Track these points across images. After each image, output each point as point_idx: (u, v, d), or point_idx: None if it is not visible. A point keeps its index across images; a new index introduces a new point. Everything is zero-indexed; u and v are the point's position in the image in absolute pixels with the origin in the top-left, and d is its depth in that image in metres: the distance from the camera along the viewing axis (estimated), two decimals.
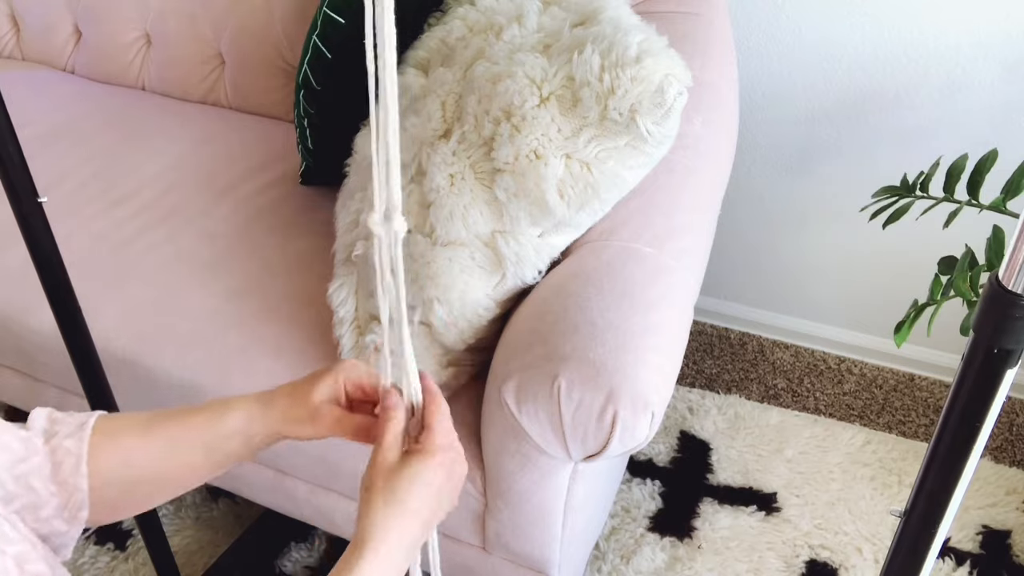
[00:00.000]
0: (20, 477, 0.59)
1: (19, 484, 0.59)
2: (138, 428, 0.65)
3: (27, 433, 0.62)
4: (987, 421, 0.57)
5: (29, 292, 1.18)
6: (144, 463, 0.65)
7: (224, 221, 1.37)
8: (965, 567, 1.38)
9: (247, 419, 0.65)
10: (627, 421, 0.85)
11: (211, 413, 0.66)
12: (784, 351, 1.81)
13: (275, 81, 1.67)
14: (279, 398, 0.66)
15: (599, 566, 1.39)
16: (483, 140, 0.97)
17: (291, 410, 0.65)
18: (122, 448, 0.64)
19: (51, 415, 0.65)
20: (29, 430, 0.62)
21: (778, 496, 1.50)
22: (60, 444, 0.62)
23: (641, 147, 0.93)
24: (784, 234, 1.73)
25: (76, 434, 0.63)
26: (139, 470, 0.64)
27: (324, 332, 1.13)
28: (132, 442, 0.64)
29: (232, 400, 0.66)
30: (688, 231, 1.07)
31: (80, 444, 0.62)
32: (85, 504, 0.62)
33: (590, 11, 1.00)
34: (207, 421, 0.65)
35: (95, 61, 1.86)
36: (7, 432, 0.60)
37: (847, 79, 1.51)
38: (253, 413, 0.65)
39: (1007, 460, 1.56)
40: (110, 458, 0.63)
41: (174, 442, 0.65)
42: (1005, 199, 1.12)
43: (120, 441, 0.64)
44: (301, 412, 0.65)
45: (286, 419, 0.65)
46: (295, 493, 1.20)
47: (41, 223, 0.92)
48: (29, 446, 0.61)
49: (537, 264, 1.01)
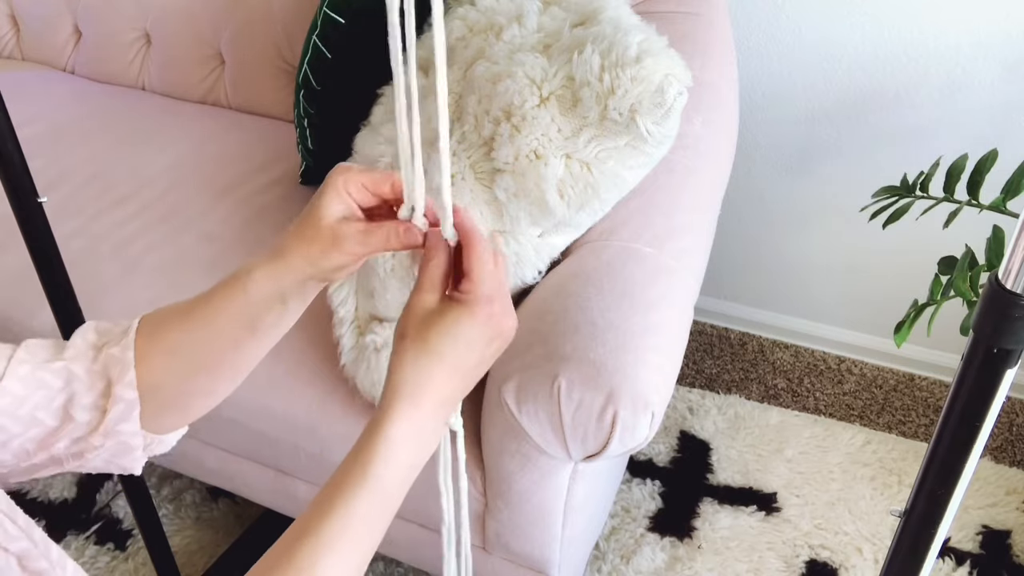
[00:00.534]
0: (59, 409, 0.59)
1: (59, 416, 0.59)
2: (177, 319, 0.61)
3: (63, 363, 0.60)
4: (987, 421, 0.57)
5: (29, 292, 1.18)
6: (192, 352, 0.61)
7: (224, 221, 1.37)
8: (965, 567, 1.38)
9: (269, 278, 0.58)
10: (627, 421, 0.85)
11: (234, 285, 0.60)
12: (784, 351, 1.81)
13: (275, 81, 1.67)
14: (291, 242, 0.58)
15: (599, 566, 1.39)
16: (483, 140, 0.97)
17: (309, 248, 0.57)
18: (166, 342, 0.61)
19: (98, 327, 0.63)
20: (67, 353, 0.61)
21: (778, 496, 1.50)
22: (108, 354, 0.60)
23: (641, 147, 0.93)
24: (784, 234, 1.73)
25: (120, 341, 0.61)
26: (186, 361, 0.61)
27: (324, 332, 1.13)
28: (175, 335, 0.61)
29: (249, 265, 0.60)
30: (688, 231, 1.07)
31: (125, 351, 0.60)
32: (130, 414, 0.60)
33: (590, 11, 1.00)
34: (231, 294, 0.60)
35: (95, 61, 1.86)
36: (43, 368, 0.59)
37: (847, 79, 1.51)
38: (272, 270, 0.58)
39: (1007, 460, 1.56)
40: (156, 356, 0.60)
41: (211, 324, 0.60)
42: (1005, 199, 1.12)
43: (162, 337, 0.61)
44: (320, 244, 0.56)
45: (308, 259, 0.57)
46: (295, 493, 1.20)
47: (41, 223, 0.92)
48: (67, 374, 0.59)
49: (537, 264, 1.01)
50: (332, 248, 0.56)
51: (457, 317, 0.53)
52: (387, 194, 0.57)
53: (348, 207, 0.57)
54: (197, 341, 0.61)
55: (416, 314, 0.53)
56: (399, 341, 0.53)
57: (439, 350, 0.52)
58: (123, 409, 0.60)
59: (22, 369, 0.58)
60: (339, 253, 0.56)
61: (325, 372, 1.11)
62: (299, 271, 0.58)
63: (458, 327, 0.53)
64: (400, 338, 0.53)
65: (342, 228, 0.56)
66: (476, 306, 0.53)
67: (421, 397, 0.52)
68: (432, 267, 0.54)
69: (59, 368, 0.59)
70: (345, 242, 0.56)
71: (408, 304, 0.54)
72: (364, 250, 0.56)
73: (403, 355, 0.53)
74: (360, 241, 0.56)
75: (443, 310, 0.53)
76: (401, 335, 0.53)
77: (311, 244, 0.57)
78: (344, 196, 0.57)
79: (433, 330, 0.52)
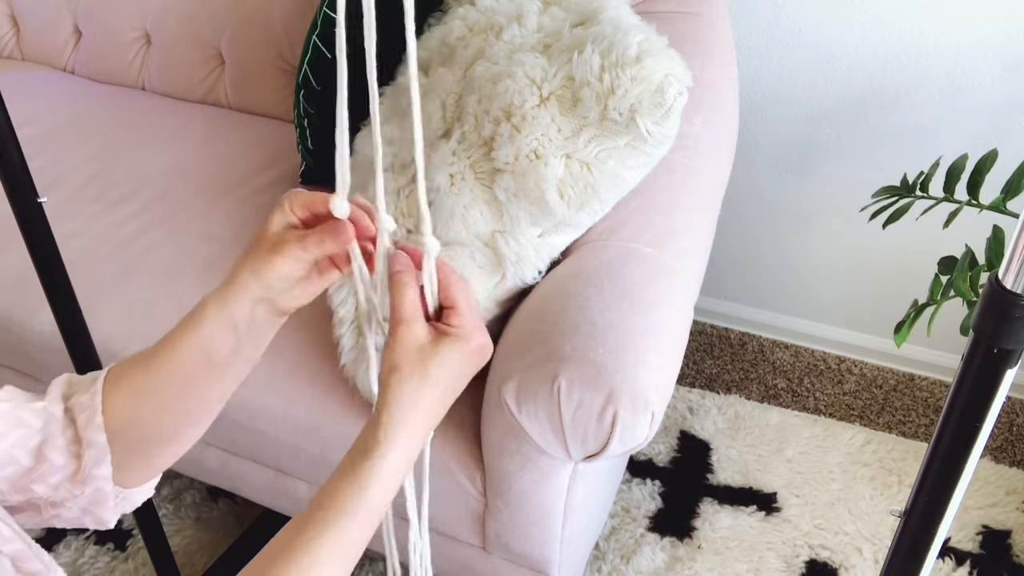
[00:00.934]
0: (35, 449, 0.60)
1: (34, 456, 0.60)
2: (140, 363, 0.63)
3: (43, 403, 0.61)
4: (987, 421, 0.57)
5: (29, 292, 1.18)
6: (154, 392, 0.62)
7: (224, 221, 1.37)
8: (965, 567, 1.38)
9: (219, 305, 0.60)
10: (627, 421, 0.85)
11: (189, 319, 0.61)
12: (784, 351, 1.81)
13: (275, 81, 1.67)
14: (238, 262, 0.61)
15: (599, 566, 1.39)
16: (483, 140, 0.97)
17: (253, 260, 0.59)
18: (129, 386, 0.62)
19: (70, 379, 0.64)
20: (47, 397, 0.62)
21: (778, 496, 1.50)
22: (76, 402, 0.62)
23: (641, 147, 0.93)
24: (784, 234, 1.73)
25: (90, 388, 0.62)
26: (149, 403, 0.62)
27: (324, 332, 1.13)
28: (137, 378, 0.62)
29: (203, 299, 0.61)
30: (688, 231, 1.07)
31: (94, 397, 0.61)
32: (103, 459, 0.61)
33: (590, 11, 1.00)
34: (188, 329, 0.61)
35: (95, 61, 1.86)
36: (23, 408, 0.60)
37: (847, 79, 1.51)
38: (221, 296, 0.60)
39: (1007, 460, 1.56)
40: (123, 398, 0.62)
41: (170, 362, 0.61)
42: (1005, 199, 1.12)
43: (127, 381, 0.63)
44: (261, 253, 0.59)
45: (253, 271, 0.59)
46: (295, 493, 1.20)
47: (41, 223, 0.92)
48: (46, 415, 0.61)
49: (537, 264, 1.01)
50: (273, 253, 0.58)
51: (456, 351, 0.55)
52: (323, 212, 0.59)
53: (289, 221, 0.60)
54: (159, 381, 0.62)
55: (408, 347, 0.55)
56: (392, 373, 0.54)
57: (440, 383, 0.54)
58: (96, 454, 0.61)
59: (2, 407, 0.60)
60: (280, 257, 0.58)
61: (325, 372, 1.11)
62: (246, 288, 0.59)
63: (458, 361, 0.55)
64: (392, 370, 0.54)
65: (282, 234, 0.59)
66: (471, 339, 0.56)
67: (418, 426, 0.55)
68: (409, 297, 0.56)
69: (39, 408, 0.61)
70: (284, 245, 0.58)
71: (396, 335, 0.55)
72: (302, 252, 0.58)
73: (402, 387, 0.54)
74: (298, 243, 0.58)
75: (440, 343, 0.55)
76: (394, 367, 0.54)
77: (255, 254, 0.59)
78: (288, 213, 0.59)
79: (433, 363, 0.54)
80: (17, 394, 0.62)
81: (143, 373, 0.63)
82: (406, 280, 0.56)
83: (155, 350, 0.63)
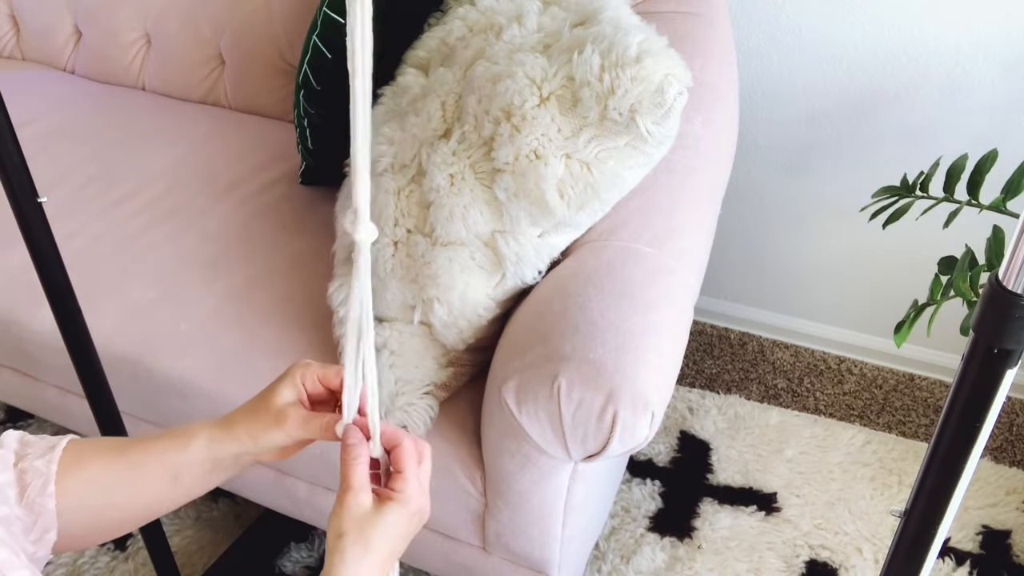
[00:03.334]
0: None
1: None
2: (107, 453, 0.65)
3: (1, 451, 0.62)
4: (987, 421, 0.57)
5: (29, 292, 1.18)
6: (111, 488, 0.64)
7: (224, 221, 1.37)
8: (965, 567, 1.38)
9: (210, 443, 0.64)
10: (627, 421, 0.85)
11: (175, 439, 0.64)
12: (784, 351, 1.81)
13: (275, 81, 1.67)
14: (240, 415, 0.64)
15: (599, 566, 1.39)
16: (483, 140, 0.97)
17: (254, 423, 0.63)
18: (89, 471, 0.63)
19: (23, 438, 0.64)
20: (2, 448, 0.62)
21: (778, 496, 1.50)
22: (30, 465, 0.62)
23: (641, 147, 0.93)
24: (784, 234, 1.73)
25: (46, 455, 0.62)
26: (105, 495, 0.64)
27: (324, 332, 1.13)
28: (99, 467, 0.64)
29: (195, 426, 0.65)
30: (688, 231, 1.07)
31: (49, 465, 0.62)
32: (53, 525, 0.61)
33: (590, 11, 1.00)
34: (171, 448, 0.64)
35: (95, 61, 1.86)
36: None
37: (847, 79, 1.51)
38: (215, 436, 0.64)
39: (1007, 460, 1.56)
40: (78, 482, 0.63)
41: (139, 468, 0.64)
42: (1005, 199, 1.12)
43: (87, 465, 0.64)
44: (264, 421, 0.63)
45: (251, 434, 0.63)
46: (295, 493, 1.20)
47: (41, 223, 0.92)
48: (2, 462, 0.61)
49: (537, 264, 1.01)
50: (274, 426, 0.63)
51: (395, 516, 0.58)
52: (336, 388, 0.64)
53: (298, 394, 0.64)
54: (119, 479, 0.64)
55: (353, 514, 0.58)
56: (337, 539, 0.57)
57: (380, 548, 0.57)
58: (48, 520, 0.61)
59: None
60: (280, 432, 0.63)
61: None
62: (240, 444, 0.64)
63: (397, 525, 0.58)
64: (339, 536, 0.57)
65: (288, 410, 0.63)
66: (411, 503, 0.59)
67: None
68: (359, 466, 0.59)
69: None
70: (287, 422, 0.62)
71: (343, 502, 0.58)
72: (302, 433, 0.63)
73: (344, 554, 0.57)
74: (300, 424, 0.62)
75: (381, 510, 0.58)
76: (339, 533, 0.57)
77: (257, 420, 0.63)
78: (298, 385, 0.64)
79: (374, 531, 0.57)
80: None
81: (103, 466, 0.64)
82: (357, 454, 0.59)
83: (125, 448, 0.65)
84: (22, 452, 0.63)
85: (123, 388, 1.16)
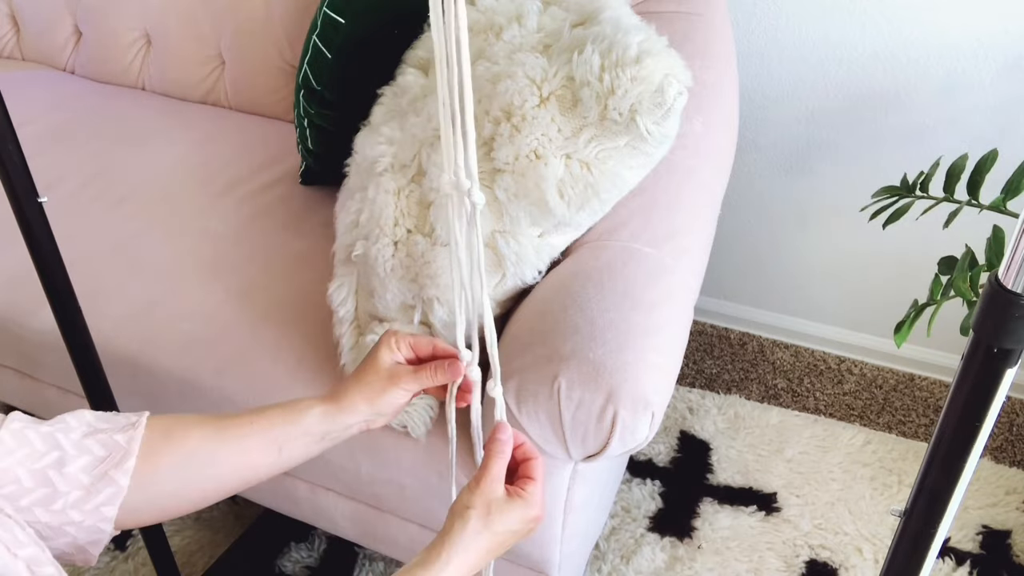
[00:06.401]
0: (37, 471, 0.60)
1: (35, 478, 0.60)
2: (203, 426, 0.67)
3: (50, 429, 0.62)
4: (987, 421, 0.57)
5: (29, 292, 1.18)
6: (208, 461, 0.67)
7: (224, 221, 1.37)
8: (965, 567, 1.38)
9: (323, 416, 0.70)
10: (627, 421, 0.85)
11: (284, 413, 0.69)
12: (784, 351, 1.81)
13: (275, 81, 1.67)
14: (349, 387, 0.70)
15: (599, 566, 1.39)
16: (483, 140, 0.97)
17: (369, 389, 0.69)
18: (187, 446, 0.66)
19: (99, 415, 0.66)
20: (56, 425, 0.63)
21: (778, 496, 1.50)
22: (110, 439, 0.63)
23: (641, 147, 0.93)
24: (784, 234, 1.73)
25: (127, 431, 0.64)
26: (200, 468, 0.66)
27: (324, 332, 1.13)
28: (196, 440, 0.66)
29: (304, 401, 0.71)
30: (688, 231, 1.07)
31: (132, 441, 0.64)
32: (117, 499, 0.62)
33: (590, 11, 1.00)
34: (278, 422, 0.68)
35: (95, 61, 1.86)
36: (30, 428, 0.62)
37: (847, 79, 1.51)
38: (329, 410, 0.70)
39: (1007, 460, 1.56)
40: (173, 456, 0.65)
41: (243, 440, 0.68)
42: (1005, 199, 1.11)
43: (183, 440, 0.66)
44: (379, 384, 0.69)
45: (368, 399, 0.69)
46: (295, 493, 1.20)
47: (41, 223, 0.92)
48: (50, 442, 0.62)
49: (537, 264, 1.01)
50: (391, 385, 0.70)
51: (519, 512, 0.65)
52: (426, 355, 0.72)
53: (396, 359, 0.71)
54: (218, 451, 0.67)
55: (486, 495, 0.64)
56: (465, 510, 0.64)
57: (496, 533, 0.64)
58: (112, 493, 0.62)
59: (15, 425, 0.61)
60: (397, 389, 0.70)
61: (325, 372, 1.11)
62: (357, 413, 0.70)
63: (518, 520, 0.65)
64: (466, 507, 0.64)
65: (397, 368, 0.71)
66: (535, 508, 0.66)
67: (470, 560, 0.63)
68: (502, 459, 0.66)
69: (46, 433, 0.62)
70: (401, 378, 0.70)
71: (480, 483, 0.65)
72: (416, 384, 0.70)
73: (468, 523, 0.63)
74: (413, 377, 0.70)
75: (509, 501, 0.65)
76: (468, 506, 0.64)
77: (371, 386, 0.70)
78: (394, 349, 0.71)
79: (498, 515, 0.64)
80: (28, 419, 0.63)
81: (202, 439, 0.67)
82: (503, 449, 0.67)
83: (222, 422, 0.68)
84: (98, 426, 0.65)
85: (123, 388, 1.16)
